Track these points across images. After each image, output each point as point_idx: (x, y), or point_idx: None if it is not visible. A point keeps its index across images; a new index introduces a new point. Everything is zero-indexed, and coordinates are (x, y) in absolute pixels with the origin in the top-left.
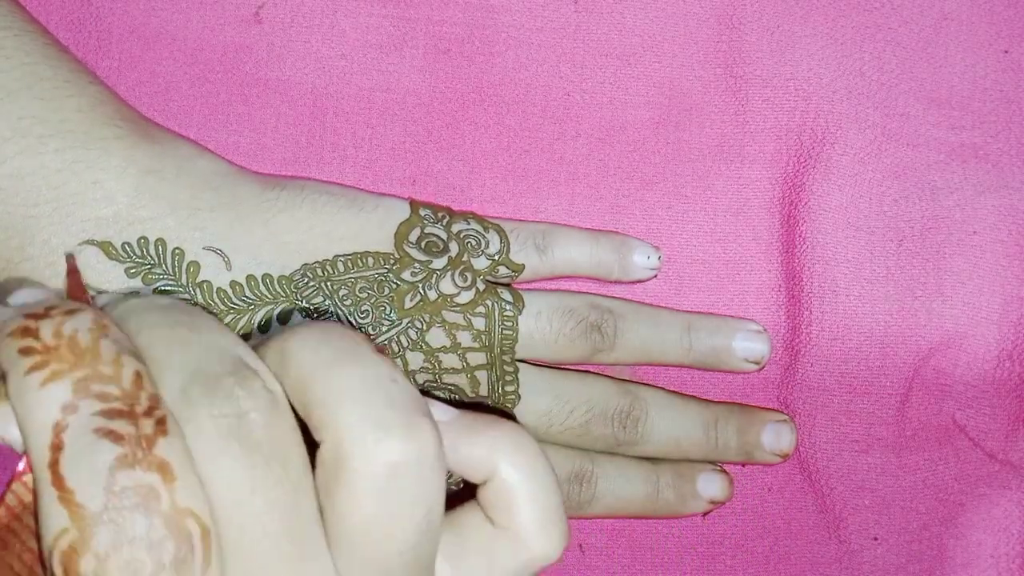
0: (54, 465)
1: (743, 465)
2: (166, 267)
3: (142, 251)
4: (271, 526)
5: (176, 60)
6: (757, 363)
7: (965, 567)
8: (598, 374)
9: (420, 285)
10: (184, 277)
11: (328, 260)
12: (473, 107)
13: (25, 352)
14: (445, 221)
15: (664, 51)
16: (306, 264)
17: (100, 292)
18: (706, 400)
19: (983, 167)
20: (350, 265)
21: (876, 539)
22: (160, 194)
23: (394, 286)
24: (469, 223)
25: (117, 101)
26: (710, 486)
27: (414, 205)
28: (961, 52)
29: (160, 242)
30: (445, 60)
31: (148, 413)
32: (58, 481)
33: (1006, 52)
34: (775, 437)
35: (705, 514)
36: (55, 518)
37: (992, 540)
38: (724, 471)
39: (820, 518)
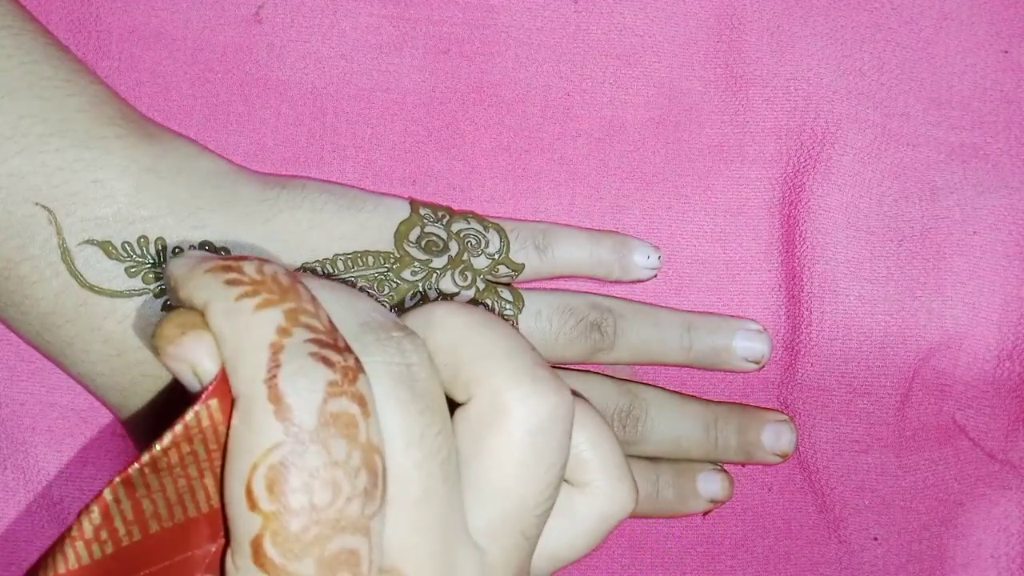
0: (272, 381)
1: (743, 465)
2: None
3: (142, 250)
4: (433, 472)
5: (176, 60)
6: (757, 363)
7: (965, 567)
8: (598, 373)
9: (420, 284)
10: None
11: (328, 259)
12: (473, 107)
13: (233, 283)
14: (445, 220)
15: (664, 51)
16: (306, 263)
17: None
18: (706, 400)
19: (983, 167)
20: (350, 264)
21: (876, 539)
22: (160, 193)
23: (394, 285)
24: (469, 222)
25: (118, 100)
26: (710, 485)
27: (414, 204)
28: (961, 52)
29: (160, 241)
30: (445, 60)
31: (347, 350)
32: (275, 397)
33: (1006, 52)
34: (775, 437)
35: (705, 513)
36: (268, 433)
37: (992, 540)
38: (724, 470)
39: (820, 518)
